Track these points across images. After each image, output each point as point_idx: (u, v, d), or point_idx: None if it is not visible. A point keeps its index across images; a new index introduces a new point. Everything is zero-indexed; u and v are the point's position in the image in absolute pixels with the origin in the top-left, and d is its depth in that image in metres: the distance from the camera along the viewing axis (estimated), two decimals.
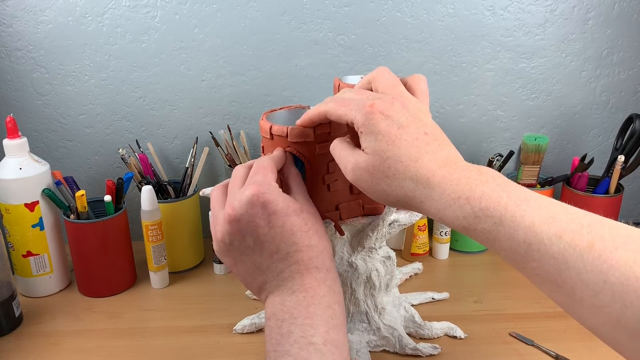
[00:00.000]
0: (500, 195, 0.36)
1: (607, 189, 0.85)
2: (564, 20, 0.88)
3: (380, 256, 0.66)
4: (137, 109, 0.90)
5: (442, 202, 0.38)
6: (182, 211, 0.83)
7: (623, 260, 0.31)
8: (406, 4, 0.86)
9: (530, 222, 0.34)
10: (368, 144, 0.41)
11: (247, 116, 0.91)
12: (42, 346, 0.68)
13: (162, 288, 0.82)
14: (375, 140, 0.40)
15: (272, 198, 0.44)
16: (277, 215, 0.44)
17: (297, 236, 0.44)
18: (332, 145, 0.46)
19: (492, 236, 0.36)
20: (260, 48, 0.87)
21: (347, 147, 0.44)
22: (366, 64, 0.89)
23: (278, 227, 0.44)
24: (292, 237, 0.44)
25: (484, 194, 0.36)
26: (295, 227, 0.44)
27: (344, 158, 0.44)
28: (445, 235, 0.88)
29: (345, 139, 0.45)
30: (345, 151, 0.44)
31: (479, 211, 0.36)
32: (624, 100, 0.94)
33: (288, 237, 0.44)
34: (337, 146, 0.45)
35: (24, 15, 0.83)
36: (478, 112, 0.93)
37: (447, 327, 0.69)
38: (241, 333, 0.70)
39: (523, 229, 0.34)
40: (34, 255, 0.77)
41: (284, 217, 0.44)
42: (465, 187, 0.37)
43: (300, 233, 0.44)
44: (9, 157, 0.75)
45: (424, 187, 0.39)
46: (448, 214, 0.38)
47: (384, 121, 0.40)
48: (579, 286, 0.32)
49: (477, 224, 0.37)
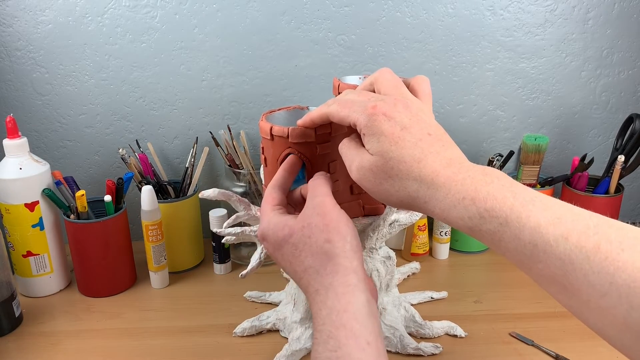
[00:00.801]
0: (506, 195, 0.36)
1: (607, 189, 0.85)
2: (564, 20, 0.88)
3: (381, 256, 0.66)
4: (137, 109, 0.90)
5: (447, 203, 0.38)
6: (182, 211, 0.83)
7: (630, 262, 0.31)
8: (406, 4, 0.86)
9: (536, 222, 0.34)
10: (371, 145, 0.41)
11: (247, 116, 0.91)
12: (42, 346, 0.68)
13: (162, 288, 0.82)
14: (378, 142, 0.40)
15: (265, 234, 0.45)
16: (275, 250, 0.45)
17: (294, 264, 0.43)
18: (341, 144, 0.46)
19: (498, 237, 0.36)
20: (260, 48, 0.87)
21: (353, 146, 0.44)
22: (366, 64, 0.89)
23: (281, 260, 0.45)
24: (291, 266, 0.44)
25: (490, 194, 0.36)
26: (289, 256, 0.43)
27: (349, 157, 0.44)
28: (445, 235, 0.88)
29: (353, 138, 0.45)
30: (351, 150, 0.43)
31: (484, 212, 0.36)
32: (624, 100, 0.94)
33: (289, 268, 0.44)
34: (345, 145, 0.45)
35: (24, 15, 0.83)
36: (478, 112, 0.93)
37: (448, 326, 0.69)
38: (241, 336, 0.70)
39: (529, 230, 0.34)
40: (34, 255, 0.77)
41: (279, 249, 0.44)
42: (470, 188, 0.37)
43: (294, 260, 0.43)
44: (9, 157, 0.75)
45: (427, 187, 0.39)
46: (453, 214, 0.38)
47: (386, 122, 0.40)
48: (585, 288, 0.32)
49: (482, 225, 0.36)
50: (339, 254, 0.41)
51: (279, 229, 0.44)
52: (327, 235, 0.41)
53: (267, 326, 0.70)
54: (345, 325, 0.38)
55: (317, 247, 0.41)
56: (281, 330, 0.70)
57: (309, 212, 0.43)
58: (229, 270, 0.86)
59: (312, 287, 0.41)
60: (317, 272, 0.41)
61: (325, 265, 0.41)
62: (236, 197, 0.63)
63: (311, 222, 0.42)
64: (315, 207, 0.43)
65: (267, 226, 0.45)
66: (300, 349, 0.64)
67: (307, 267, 0.42)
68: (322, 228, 0.42)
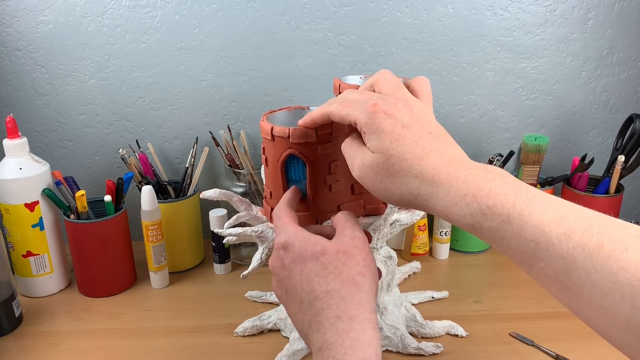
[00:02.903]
0: (508, 193, 0.36)
1: (607, 189, 0.85)
2: (564, 20, 0.88)
3: (382, 256, 0.66)
4: (137, 109, 0.89)
5: (448, 200, 0.38)
6: (182, 211, 0.83)
7: (634, 261, 0.30)
8: (406, 4, 0.86)
9: (539, 220, 0.34)
10: (372, 142, 0.41)
11: (247, 116, 0.91)
12: (42, 346, 0.68)
13: (162, 288, 0.82)
14: (379, 139, 0.40)
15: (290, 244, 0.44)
16: (295, 263, 0.43)
17: (314, 282, 0.42)
18: (343, 143, 0.46)
19: (500, 234, 0.36)
20: (260, 48, 0.87)
21: (355, 144, 0.44)
22: (366, 64, 0.89)
23: (297, 275, 0.43)
24: (309, 284, 0.42)
25: (492, 191, 0.36)
26: (312, 273, 0.42)
27: (350, 155, 0.44)
28: (445, 235, 0.88)
29: (355, 137, 0.45)
30: (353, 148, 0.43)
31: (486, 209, 0.36)
32: (624, 100, 0.94)
33: (306, 285, 0.42)
34: (347, 144, 0.45)
35: (24, 15, 0.83)
36: (478, 112, 0.93)
37: (449, 325, 0.70)
38: (242, 336, 0.70)
39: (531, 227, 0.34)
40: (34, 255, 0.77)
41: (301, 263, 0.43)
42: (472, 185, 0.37)
43: (317, 279, 0.42)
44: (9, 157, 0.74)
45: (429, 184, 0.39)
46: (454, 211, 0.38)
47: (387, 120, 0.40)
48: (587, 287, 0.32)
49: (483, 222, 0.36)
50: (368, 290, 0.41)
51: (309, 244, 0.43)
52: (361, 270, 0.42)
53: (268, 326, 0.70)
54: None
55: (348, 275, 0.41)
56: (282, 330, 0.70)
57: (347, 241, 0.43)
58: (229, 270, 0.86)
59: (333, 311, 0.40)
60: (342, 299, 0.41)
61: (352, 295, 0.41)
62: (237, 198, 0.63)
63: (348, 250, 0.43)
64: (355, 239, 0.44)
65: (293, 237, 0.44)
66: (302, 349, 0.64)
67: (330, 290, 0.41)
68: (359, 261, 0.42)
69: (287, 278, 0.44)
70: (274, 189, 0.57)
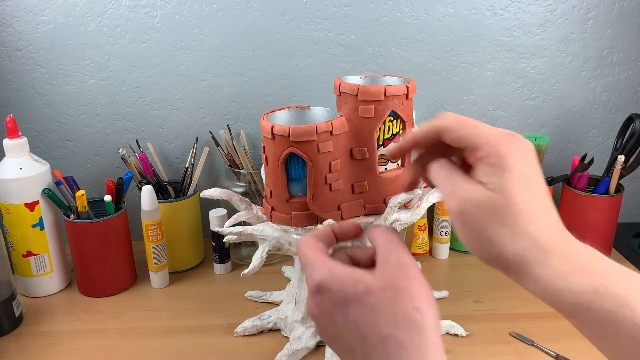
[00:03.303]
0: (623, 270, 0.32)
1: (607, 189, 0.85)
2: (564, 20, 0.88)
3: None
4: (137, 109, 0.89)
5: (558, 270, 0.33)
6: (182, 211, 0.83)
7: None
8: (406, 4, 0.86)
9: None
10: (493, 179, 0.34)
11: (247, 116, 0.91)
12: (42, 346, 0.68)
13: (162, 288, 0.82)
14: (504, 178, 0.33)
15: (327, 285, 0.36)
16: (336, 307, 0.36)
17: (365, 329, 0.34)
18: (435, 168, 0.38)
19: (614, 318, 0.32)
20: (260, 48, 0.87)
21: (458, 173, 0.36)
22: (366, 64, 0.89)
23: (341, 322, 0.35)
24: (359, 332, 0.35)
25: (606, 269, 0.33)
26: (360, 318, 0.35)
27: (451, 184, 0.36)
28: (445, 235, 0.88)
29: (451, 162, 0.38)
30: (456, 177, 0.36)
31: (601, 287, 0.32)
32: (624, 100, 0.94)
33: (355, 333, 0.35)
34: (444, 169, 0.37)
35: (24, 15, 0.83)
36: (478, 112, 0.93)
37: (448, 325, 0.70)
38: (242, 335, 0.70)
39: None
40: (34, 255, 0.77)
41: (343, 307, 0.35)
42: (584, 259, 0.33)
43: (365, 324, 0.34)
44: (9, 157, 0.74)
45: (539, 250, 0.33)
46: (561, 284, 0.33)
47: (524, 161, 0.34)
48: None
49: (594, 302, 0.32)
50: (429, 327, 0.34)
51: (348, 284, 0.35)
52: (416, 303, 0.34)
53: (269, 325, 0.70)
54: None
55: (402, 314, 0.34)
56: (282, 330, 0.70)
57: (393, 271, 0.36)
58: (229, 270, 0.86)
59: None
60: (402, 347, 0.33)
61: (413, 339, 0.33)
62: (237, 197, 0.63)
63: (396, 284, 0.35)
64: (403, 268, 0.36)
65: (327, 277, 0.36)
66: (302, 348, 0.64)
67: (386, 337, 0.34)
68: (412, 294, 0.35)
69: (331, 325, 0.36)
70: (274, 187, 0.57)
